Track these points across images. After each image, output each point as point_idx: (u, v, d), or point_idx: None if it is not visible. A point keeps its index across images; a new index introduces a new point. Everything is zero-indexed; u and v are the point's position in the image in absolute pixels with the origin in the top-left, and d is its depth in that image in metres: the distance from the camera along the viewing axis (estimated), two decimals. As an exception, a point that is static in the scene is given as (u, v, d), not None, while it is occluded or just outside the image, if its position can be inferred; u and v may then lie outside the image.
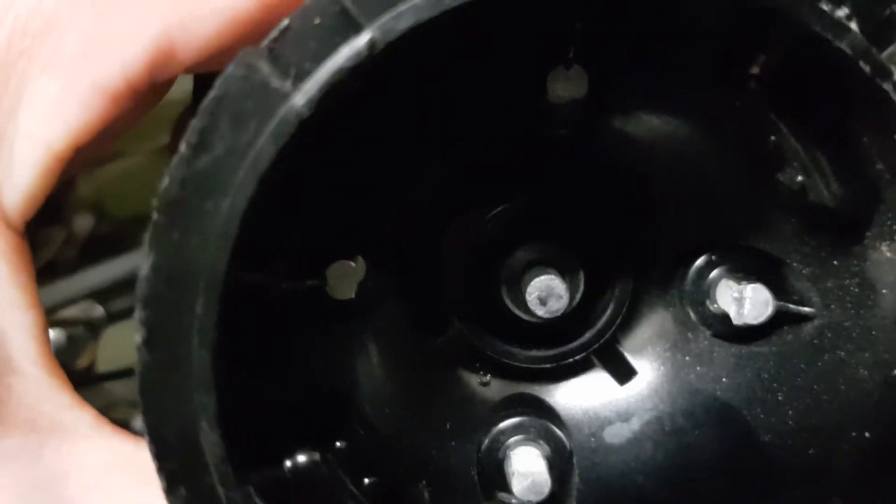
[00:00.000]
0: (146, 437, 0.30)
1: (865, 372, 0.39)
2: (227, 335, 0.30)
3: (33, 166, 0.34)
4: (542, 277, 0.41)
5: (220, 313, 0.29)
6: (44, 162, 0.34)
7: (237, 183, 0.28)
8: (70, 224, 0.67)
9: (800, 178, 0.37)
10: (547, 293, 0.41)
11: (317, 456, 0.38)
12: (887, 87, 0.29)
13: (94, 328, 0.67)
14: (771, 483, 0.41)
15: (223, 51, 0.34)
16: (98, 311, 0.68)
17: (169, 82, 0.36)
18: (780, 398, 0.43)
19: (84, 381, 0.36)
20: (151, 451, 0.30)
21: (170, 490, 0.30)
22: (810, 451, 0.40)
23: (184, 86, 0.42)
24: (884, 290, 0.37)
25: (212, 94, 0.28)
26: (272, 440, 0.36)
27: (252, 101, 0.28)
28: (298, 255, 0.40)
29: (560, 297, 0.41)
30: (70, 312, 0.67)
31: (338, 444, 0.40)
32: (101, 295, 0.67)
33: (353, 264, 0.42)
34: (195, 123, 0.29)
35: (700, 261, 0.45)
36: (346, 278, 0.42)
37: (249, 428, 0.33)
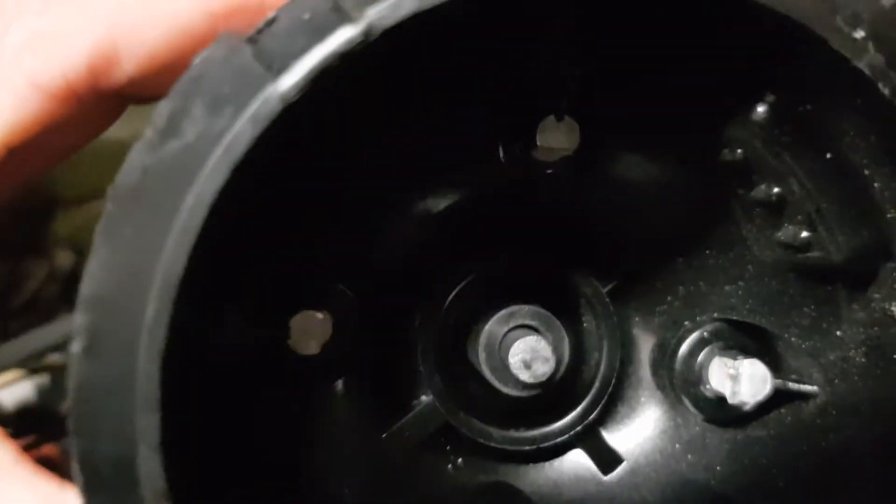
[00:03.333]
0: (75, 467, 0.26)
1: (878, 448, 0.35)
2: (178, 360, 0.26)
3: None
4: (527, 339, 0.38)
5: (172, 322, 0.25)
6: None
7: (206, 173, 0.25)
8: (52, 258, 0.64)
9: (804, 233, 0.35)
10: (532, 355, 0.37)
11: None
12: (907, 109, 0.27)
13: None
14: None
15: (167, 66, 0.32)
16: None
17: (116, 98, 0.33)
18: (781, 485, 0.39)
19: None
20: (79, 482, 0.25)
21: (95, 533, 0.25)
22: None
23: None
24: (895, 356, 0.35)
25: (186, 75, 0.26)
26: (219, 489, 0.31)
27: (231, 84, 0.26)
28: (260, 297, 0.36)
29: (546, 359, 0.37)
30: (56, 358, 0.62)
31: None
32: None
33: (319, 315, 0.38)
34: (164, 105, 0.26)
35: (691, 339, 0.42)
36: (311, 333, 0.38)
37: (194, 478, 0.28)
